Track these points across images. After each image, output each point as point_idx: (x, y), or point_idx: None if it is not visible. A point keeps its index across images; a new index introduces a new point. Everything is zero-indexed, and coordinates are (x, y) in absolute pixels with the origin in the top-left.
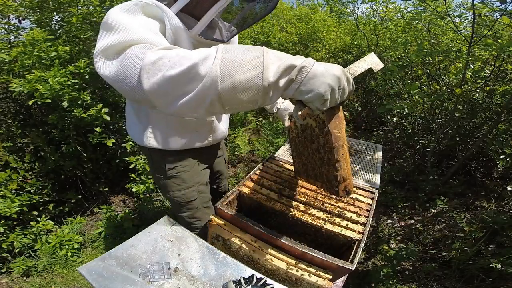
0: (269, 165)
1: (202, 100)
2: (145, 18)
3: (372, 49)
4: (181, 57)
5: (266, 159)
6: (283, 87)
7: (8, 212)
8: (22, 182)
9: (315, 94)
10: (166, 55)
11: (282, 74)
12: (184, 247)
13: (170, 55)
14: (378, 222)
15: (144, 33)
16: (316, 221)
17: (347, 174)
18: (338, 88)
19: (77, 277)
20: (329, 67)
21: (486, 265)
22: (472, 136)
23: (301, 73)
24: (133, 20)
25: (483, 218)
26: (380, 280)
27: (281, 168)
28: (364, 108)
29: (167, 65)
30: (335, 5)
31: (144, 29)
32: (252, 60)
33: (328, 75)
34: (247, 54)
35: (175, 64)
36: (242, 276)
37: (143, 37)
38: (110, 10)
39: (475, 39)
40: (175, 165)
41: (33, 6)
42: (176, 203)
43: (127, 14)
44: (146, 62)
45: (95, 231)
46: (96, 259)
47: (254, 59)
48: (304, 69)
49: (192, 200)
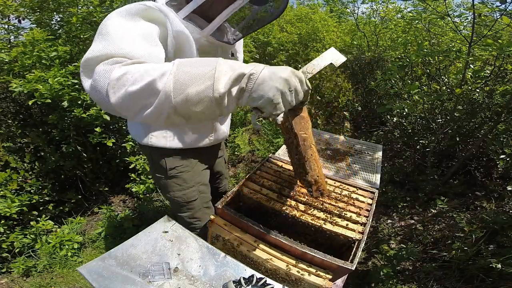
0: (269, 165)
1: (159, 113)
2: (143, 23)
3: (372, 49)
4: (143, 73)
5: (266, 159)
6: (236, 97)
7: (8, 212)
8: (22, 182)
9: (265, 99)
10: (130, 70)
11: (232, 84)
12: (184, 247)
13: (134, 71)
14: (378, 222)
15: (124, 46)
16: (316, 221)
17: (318, 174)
18: (289, 90)
19: (77, 277)
20: (277, 70)
21: (486, 265)
22: (472, 136)
23: (250, 80)
24: (125, 28)
25: (483, 218)
26: (380, 280)
27: (281, 168)
28: (364, 108)
29: (130, 80)
30: (335, 5)
31: (132, 38)
32: (204, 73)
33: (275, 78)
34: (200, 68)
35: (136, 80)
36: (242, 276)
37: (121, 50)
38: (111, 13)
39: (475, 39)
40: (176, 165)
41: (33, 6)
42: (176, 203)
43: (124, 19)
44: (112, 78)
45: (95, 231)
46: (96, 259)
47: (207, 72)
48: (252, 76)
49: (193, 200)
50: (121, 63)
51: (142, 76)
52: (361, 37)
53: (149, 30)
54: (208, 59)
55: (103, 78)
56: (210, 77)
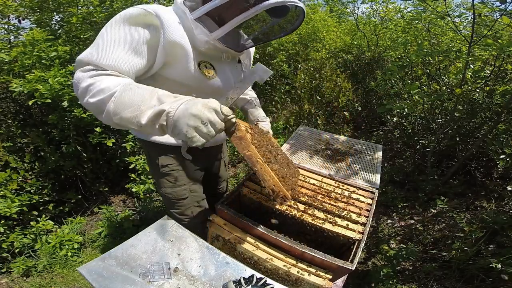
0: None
1: (110, 123)
2: (133, 30)
3: (372, 49)
4: (99, 90)
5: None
6: (159, 129)
7: (8, 212)
8: (22, 182)
9: (182, 135)
10: (93, 83)
11: (154, 118)
12: (184, 247)
13: (95, 85)
14: (378, 222)
15: (102, 55)
16: (316, 221)
17: (274, 183)
18: (202, 124)
19: (77, 277)
20: (189, 106)
21: (486, 265)
22: (472, 136)
23: (168, 118)
24: (112, 37)
25: (483, 218)
26: (380, 280)
27: None
28: (364, 108)
29: (91, 92)
30: (335, 5)
31: (113, 48)
32: (136, 103)
33: (186, 115)
34: (136, 96)
35: (94, 94)
36: (242, 276)
37: (98, 60)
38: (114, 17)
39: (475, 39)
40: (168, 163)
41: (33, 6)
42: (168, 199)
43: (117, 27)
44: (81, 86)
45: (95, 231)
46: (96, 259)
47: (138, 102)
48: (169, 114)
49: (183, 198)
50: (92, 72)
51: (98, 93)
52: (361, 37)
53: (136, 38)
54: (148, 89)
55: (76, 83)
56: (137, 108)
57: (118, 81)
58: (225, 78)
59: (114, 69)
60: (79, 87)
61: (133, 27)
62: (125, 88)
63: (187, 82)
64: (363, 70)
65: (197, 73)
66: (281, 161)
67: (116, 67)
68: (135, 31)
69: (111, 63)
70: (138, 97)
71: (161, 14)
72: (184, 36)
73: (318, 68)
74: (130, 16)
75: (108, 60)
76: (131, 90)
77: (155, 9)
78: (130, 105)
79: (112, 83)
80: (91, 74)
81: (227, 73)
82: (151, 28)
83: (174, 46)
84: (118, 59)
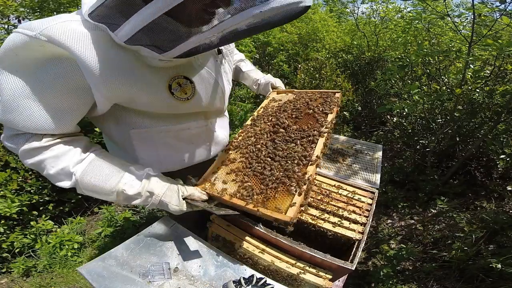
0: None
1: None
2: (36, 78)
3: (372, 49)
4: (54, 174)
5: None
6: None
7: (8, 212)
8: (22, 182)
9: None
10: (42, 162)
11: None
12: (184, 247)
13: (47, 167)
14: (378, 222)
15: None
16: (316, 221)
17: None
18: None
19: (77, 277)
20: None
21: (486, 265)
22: (472, 136)
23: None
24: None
25: (483, 218)
26: (380, 280)
27: None
28: (364, 108)
29: (44, 169)
30: (335, 5)
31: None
32: (106, 190)
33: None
34: (105, 184)
35: (51, 176)
36: (242, 276)
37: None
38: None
39: (475, 39)
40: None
41: (33, 6)
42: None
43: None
44: (28, 162)
45: (95, 231)
46: (96, 259)
47: (109, 189)
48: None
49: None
50: (29, 145)
51: (54, 177)
52: (361, 37)
53: (48, 91)
54: (113, 172)
55: (17, 153)
56: (113, 193)
57: (70, 164)
58: (205, 89)
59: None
60: (25, 162)
61: (37, 70)
62: (81, 177)
63: (161, 111)
64: (363, 70)
65: (170, 99)
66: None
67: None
68: (39, 85)
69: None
70: (108, 183)
71: (69, 46)
72: (125, 61)
73: (318, 68)
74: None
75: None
76: (93, 176)
77: (54, 29)
78: (101, 191)
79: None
80: (27, 149)
81: (207, 80)
82: (63, 62)
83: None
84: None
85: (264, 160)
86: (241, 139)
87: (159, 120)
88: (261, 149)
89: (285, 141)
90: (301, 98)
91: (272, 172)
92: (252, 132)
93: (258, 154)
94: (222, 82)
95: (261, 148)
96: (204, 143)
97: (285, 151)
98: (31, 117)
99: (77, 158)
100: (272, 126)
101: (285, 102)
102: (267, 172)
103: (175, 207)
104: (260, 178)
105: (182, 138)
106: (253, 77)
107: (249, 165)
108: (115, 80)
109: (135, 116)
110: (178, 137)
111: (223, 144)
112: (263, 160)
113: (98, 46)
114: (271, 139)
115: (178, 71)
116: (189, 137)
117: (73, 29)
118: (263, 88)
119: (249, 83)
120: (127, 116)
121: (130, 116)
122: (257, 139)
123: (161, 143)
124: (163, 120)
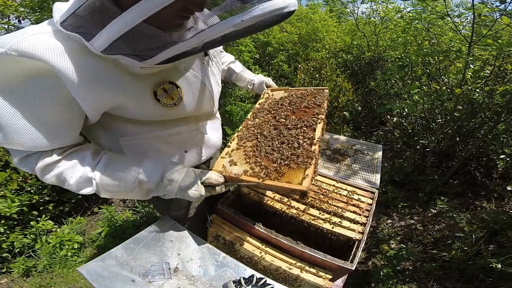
0: None
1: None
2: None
3: (372, 49)
4: (75, 183)
5: None
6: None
7: (8, 212)
8: (22, 182)
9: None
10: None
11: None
12: (184, 247)
13: (66, 180)
14: (378, 222)
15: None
16: (316, 221)
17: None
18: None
19: (77, 277)
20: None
21: (486, 265)
22: (472, 136)
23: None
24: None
25: (483, 218)
26: (380, 280)
27: None
28: (364, 108)
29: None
30: (335, 5)
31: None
32: (128, 186)
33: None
34: (125, 180)
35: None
36: (242, 276)
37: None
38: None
39: (475, 39)
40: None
41: (33, 6)
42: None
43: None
44: (47, 179)
45: (95, 231)
46: (96, 259)
47: (131, 183)
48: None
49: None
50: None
51: (75, 186)
52: (361, 37)
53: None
54: (126, 175)
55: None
56: (136, 186)
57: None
58: (192, 93)
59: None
60: (45, 179)
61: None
62: (100, 181)
63: (149, 119)
64: (363, 70)
65: (156, 107)
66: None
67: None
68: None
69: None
70: (126, 180)
71: (48, 59)
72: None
73: (318, 68)
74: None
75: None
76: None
77: (25, 43)
78: (121, 188)
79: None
80: (41, 167)
81: (194, 84)
82: (48, 77)
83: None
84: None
85: (272, 143)
86: (245, 129)
87: (148, 126)
88: (268, 134)
89: (287, 129)
90: (294, 94)
91: (282, 152)
92: (256, 123)
93: (267, 137)
94: (210, 84)
95: (267, 134)
96: (195, 147)
97: (290, 136)
98: (32, 137)
99: (92, 164)
100: (273, 117)
101: (281, 97)
102: (277, 153)
103: (194, 191)
104: (271, 158)
105: (173, 143)
106: (247, 77)
107: (259, 148)
108: (98, 91)
109: (123, 123)
110: (168, 143)
111: (215, 147)
112: (272, 142)
113: (74, 57)
114: (274, 127)
115: (163, 76)
116: (180, 141)
117: (45, 42)
118: (257, 87)
119: (244, 84)
120: (115, 124)
121: (118, 123)
122: (262, 127)
123: (152, 150)
124: (152, 126)
